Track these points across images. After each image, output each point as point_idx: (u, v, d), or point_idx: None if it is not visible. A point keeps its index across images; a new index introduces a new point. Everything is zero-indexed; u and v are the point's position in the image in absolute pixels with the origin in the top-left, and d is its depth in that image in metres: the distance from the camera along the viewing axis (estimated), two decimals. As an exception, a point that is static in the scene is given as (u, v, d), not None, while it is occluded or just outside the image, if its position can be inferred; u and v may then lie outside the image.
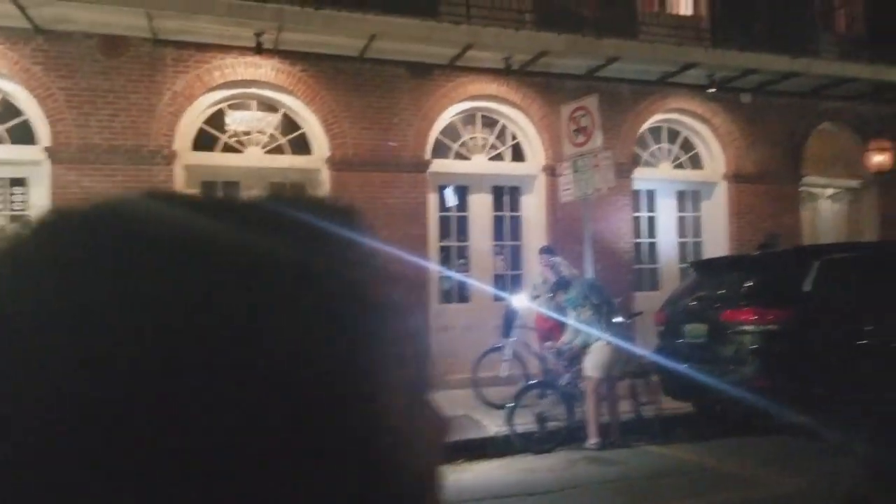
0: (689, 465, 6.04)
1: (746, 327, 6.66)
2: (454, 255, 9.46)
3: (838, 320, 6.55)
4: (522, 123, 9.57)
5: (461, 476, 5.66)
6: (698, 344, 7.00)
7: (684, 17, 10.43)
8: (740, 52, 9.61)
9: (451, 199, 9.45)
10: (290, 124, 8.78)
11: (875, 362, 6.26)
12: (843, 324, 6.57)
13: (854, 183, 11.48)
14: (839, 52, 10.64)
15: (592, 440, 6.49)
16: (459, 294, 9.38)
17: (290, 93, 8.49)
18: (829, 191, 11.50)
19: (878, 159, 10.88)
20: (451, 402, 7.91)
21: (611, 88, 9.71)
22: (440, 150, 9.30)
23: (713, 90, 10.12)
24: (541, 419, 6.63)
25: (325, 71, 8.55)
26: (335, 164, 8.59)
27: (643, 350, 7.52)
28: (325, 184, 8.56)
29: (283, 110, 8.71)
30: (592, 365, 6.57)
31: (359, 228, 0.36)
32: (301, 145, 8.81)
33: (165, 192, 0.35)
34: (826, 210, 11.55)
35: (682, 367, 7.03)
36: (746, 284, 6.99)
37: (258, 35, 7.88)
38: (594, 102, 8.32)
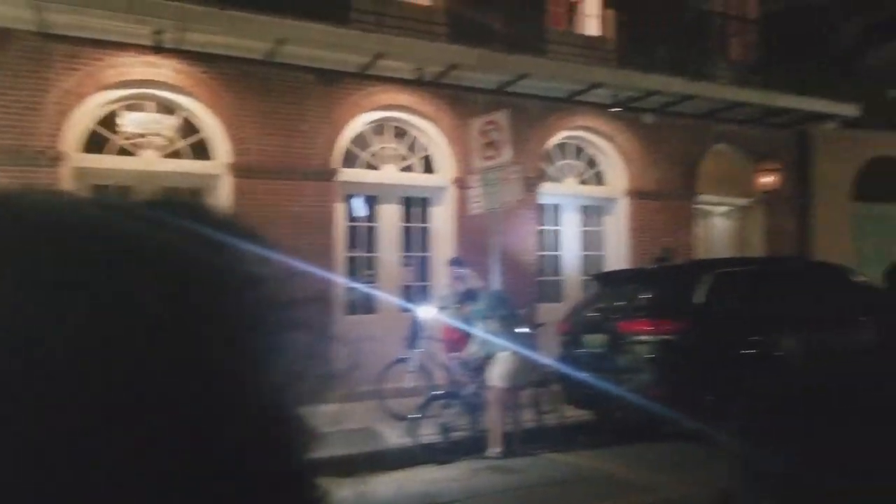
0: (589, 471, 6.16)
1: (642, 337, 6.90)
2: (361, 266, 9.36)
3: (728, 330, 6.87)
4: (433, 135, 9.62)
5: (362, 488, 5.54)
6: (598, 353, 7.19)
7: (591, 38, 10.79)
8: (643, 74, 10.00)
9: (359, 208, 9.36)
10: (190, 128, 8.47)
11: (759, 369, 6.60)
12: (733, 333, 6.91)
13: (744, 201, 12.14)
14: (733, 78, 11.26)
15: (495, 449, 6.53)
16: (366, 305, 9.28)
17: (190, 95, 8.19)
18: (722, 208, 12.12)
19: (766, 180, 11.58)
20: (355, 413, 7.80)
21: (520, 104, 9.90)
22: (349, 159, 9.21)
23: (618, 109, 10.50)
24: (445, 429, 6.63)
25: (229, 74, 8.31)
26: (238, 170, 8.34)
27: (546, 360, 7.65)
28: (222, 190, 8.29)
29: (182, 113, 8.40)
30: (497, 375, 6.63)
31: (242, 236, 0.36)
32: (201, 150, 8.51)
33: (46, 188, 0.38)
34: (718, 226, 12.16)
35: (583, 376, 7.20)
36: (643, 296, 7.25)
37: (158, 33, 7.58)
38: (504, 117, 8.43)
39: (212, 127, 8.39)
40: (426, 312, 8.22)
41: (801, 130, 12.39)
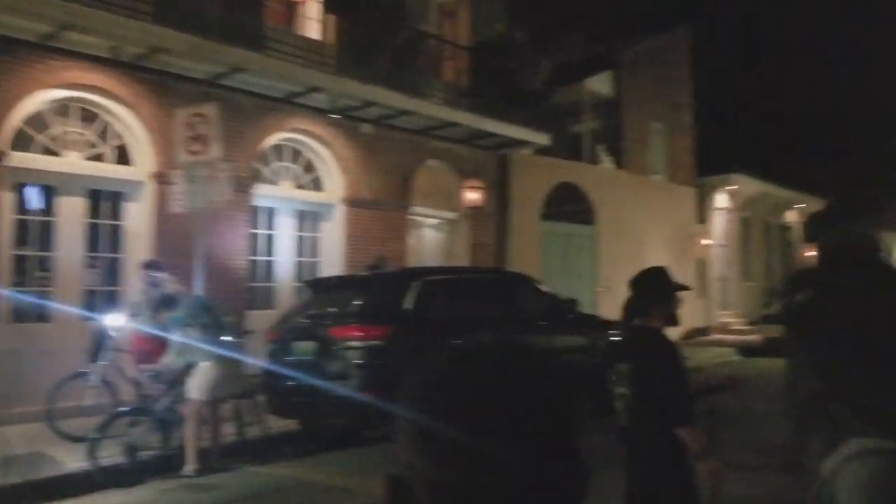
0: (292, 481, 5.93)
1: (353, 343, 6.85)
2: (33, 267, 8.01)
3: (433, 333, 7.10)
4: (130, 122, 8.63)
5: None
6: (307, 361, 6.98)
7: (312, 41, 10.61)
8: (362, 83, 10.09)
9: (33, 199, 8.02)
10: None
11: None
12: (437, 336, 7.16)
13: (452, 215, 12.90)
14: (446, 99, 11.91)
15: (190, 466, 6.00)
16: (38, 312, 7.95)
17: None
18: (432, 220, 12.74)
19: (471, 196, 12.42)
20: (19, 436, 6.63)
21: (234, 99, 9.37)
22: (22, 142, 7.87)
23: (336, 116, 10.45)
24: (131, 449, 5.95)
25: None
26: None
27: (253, 369, 7.25)
28: None
29: None
30: (196, 387, 6.12)
31: None
32: None
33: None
34: (429, 237, 12.75)
35: (290, 385, 6.93)
36: (354, 303, 7.21)
37: None
38: (214, 110, 7.90)
39: None
40: (114, 321, 7.26)
41: (502, 154, 13.54)
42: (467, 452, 0.57)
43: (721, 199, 19.78)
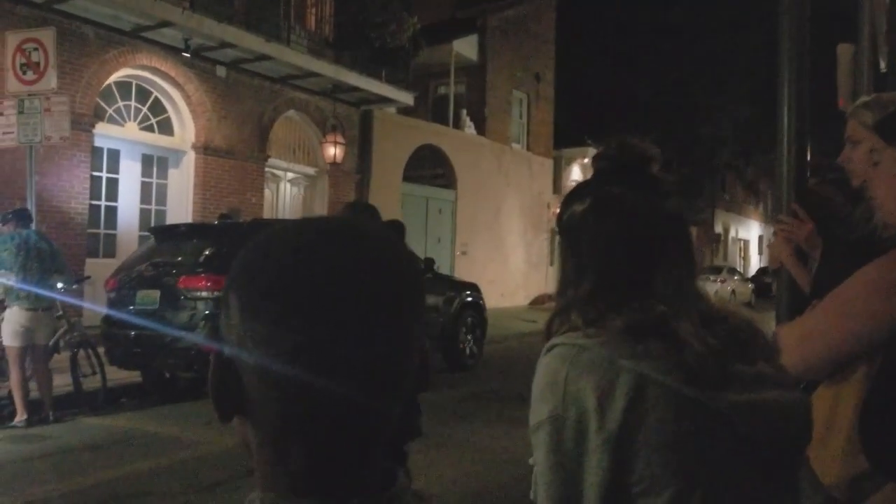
0: (131, 432, 5.72)
1: (201, 293, 6.66)
2: None
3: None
4: (-50, 44, 7.74)
5: None
6: (150, 311, 6.70)
7: (165, -26, 9.93)
8: (217, 22, 9.61)
9: None
10: None
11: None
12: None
13: (312, 171, 12.69)
14: (309, 47, 11.59)
15: (19, 417, 5.64)
16: None
17: None
18: (290, 175, 12.47)
19: (332, 152, 12.26)
20: None
21: (74, 27, 8.64)
22: None
23: (188, 55, 9.90)
24: (-49, 401, 5.47)
25: None
26: None
27: (91, 316, 6.87)
28: None
29: None
30: (7, 334, 5.74)
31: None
32: None
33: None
34: (287, 193, 12.49)
35: (131, 335, 6.64)
36: (204, 252, 6.97)
37: None
38: (50, 37, 7.33)
39: None
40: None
41: (365, 111, 13.44)
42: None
43: (576, 172, 20.80)
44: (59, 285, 6.14)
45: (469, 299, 9.23)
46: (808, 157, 2.23)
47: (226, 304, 0.57)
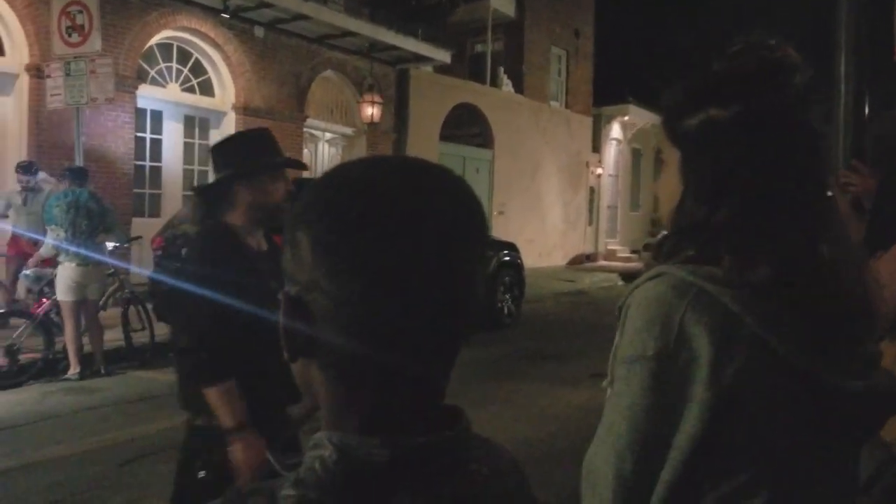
0: (176, 386, 5.89)
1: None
2: None
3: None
4: (2, 10, 7.89)
5: None
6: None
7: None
8: (255, -18, 9.60)
9: None
10: None
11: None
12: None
13: (349, 130, 12.72)
14: (345, 6, 11.52)
15: (72, 370, 5.86)
16: None
17: None
18: (328, 135, 12.52)
19: (369, 112, 12.24)
20: None
21: (115, -10, 8.72)
22: None
23: (227, 16, 9.92)
24: (11, 352, 5.76)
25: None
26: None
27: (139, 274, 7.07)
28: None
29: None
30: (60, 289, 5.91)
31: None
32: None
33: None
34: (325, 152, 12.55)
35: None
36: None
37: None
38: (94, 0, 7.36)
39: None
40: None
41: (402, 70, 13.36)
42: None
43: (615, 130, 20.42)
44: (110, 245, 6.32)
45: (507, 259, 9.24)
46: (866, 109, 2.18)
47: (293, 243, 0.55)
